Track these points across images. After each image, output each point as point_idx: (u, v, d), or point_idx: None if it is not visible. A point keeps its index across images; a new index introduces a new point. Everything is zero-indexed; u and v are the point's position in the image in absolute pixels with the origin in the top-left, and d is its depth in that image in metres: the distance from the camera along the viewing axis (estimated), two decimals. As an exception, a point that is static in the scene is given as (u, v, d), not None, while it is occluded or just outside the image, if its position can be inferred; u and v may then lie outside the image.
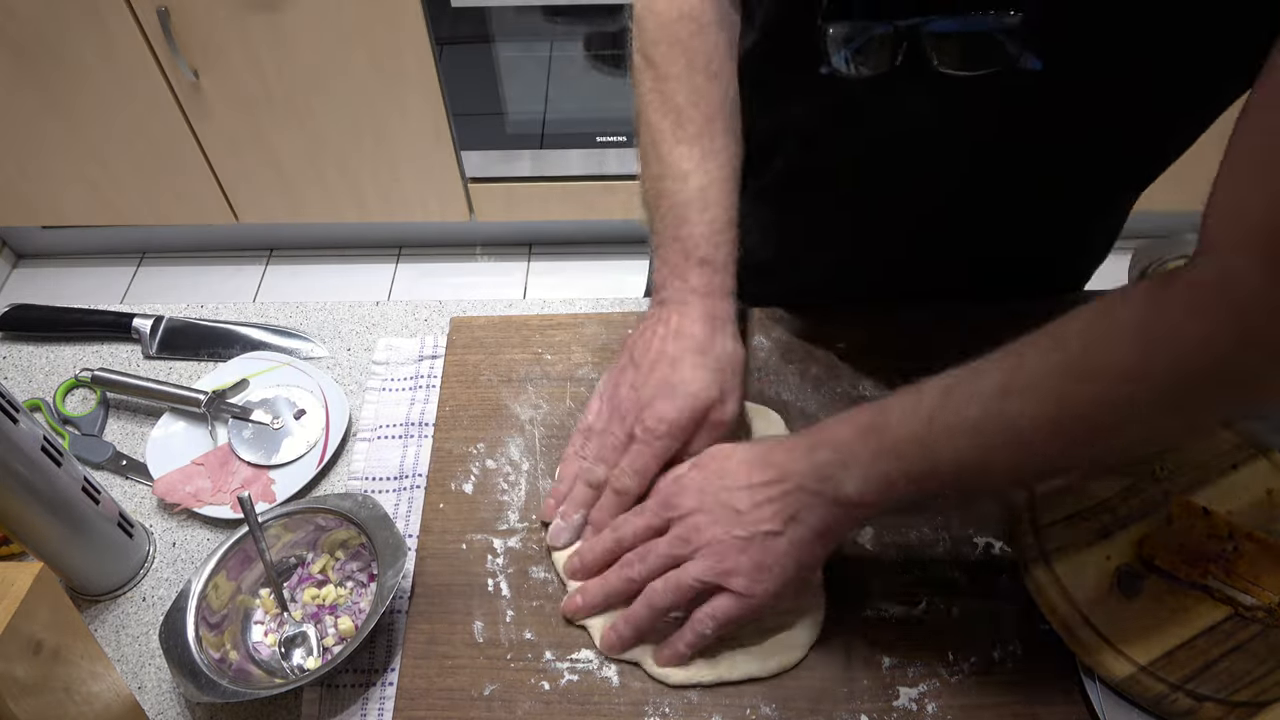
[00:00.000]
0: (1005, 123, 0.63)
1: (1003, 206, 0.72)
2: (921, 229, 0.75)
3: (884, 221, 0.76)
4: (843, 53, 0.57)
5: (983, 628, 0.63)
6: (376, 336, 0.83)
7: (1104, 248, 0.85)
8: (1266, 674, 0.57)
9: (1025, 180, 0.69)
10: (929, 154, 0.68)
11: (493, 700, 0.60)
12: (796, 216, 0.80)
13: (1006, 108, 0.61)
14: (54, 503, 0.60)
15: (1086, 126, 0.63)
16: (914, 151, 0.68)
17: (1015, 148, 0.65)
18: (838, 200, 0.76)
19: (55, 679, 0.49)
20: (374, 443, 0.75)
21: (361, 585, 0.67)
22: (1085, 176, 0.70)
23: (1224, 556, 0.60)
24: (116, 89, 1.82)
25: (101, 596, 0.67)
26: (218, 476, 0.73)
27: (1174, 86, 0.60)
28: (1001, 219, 0.73)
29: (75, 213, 2.08)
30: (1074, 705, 0.60)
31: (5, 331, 0.84)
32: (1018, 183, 0.69)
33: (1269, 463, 0.67)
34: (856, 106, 0.67)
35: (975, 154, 0.67)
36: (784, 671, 0.61)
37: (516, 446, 0.73)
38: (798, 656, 0.61)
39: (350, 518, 0.65)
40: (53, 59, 1.77)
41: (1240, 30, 0.51)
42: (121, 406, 0.79)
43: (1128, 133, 0.65)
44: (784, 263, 0.80)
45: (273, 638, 0.65)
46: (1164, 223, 2.29)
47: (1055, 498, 0.64)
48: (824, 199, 0.77)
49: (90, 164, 1.97)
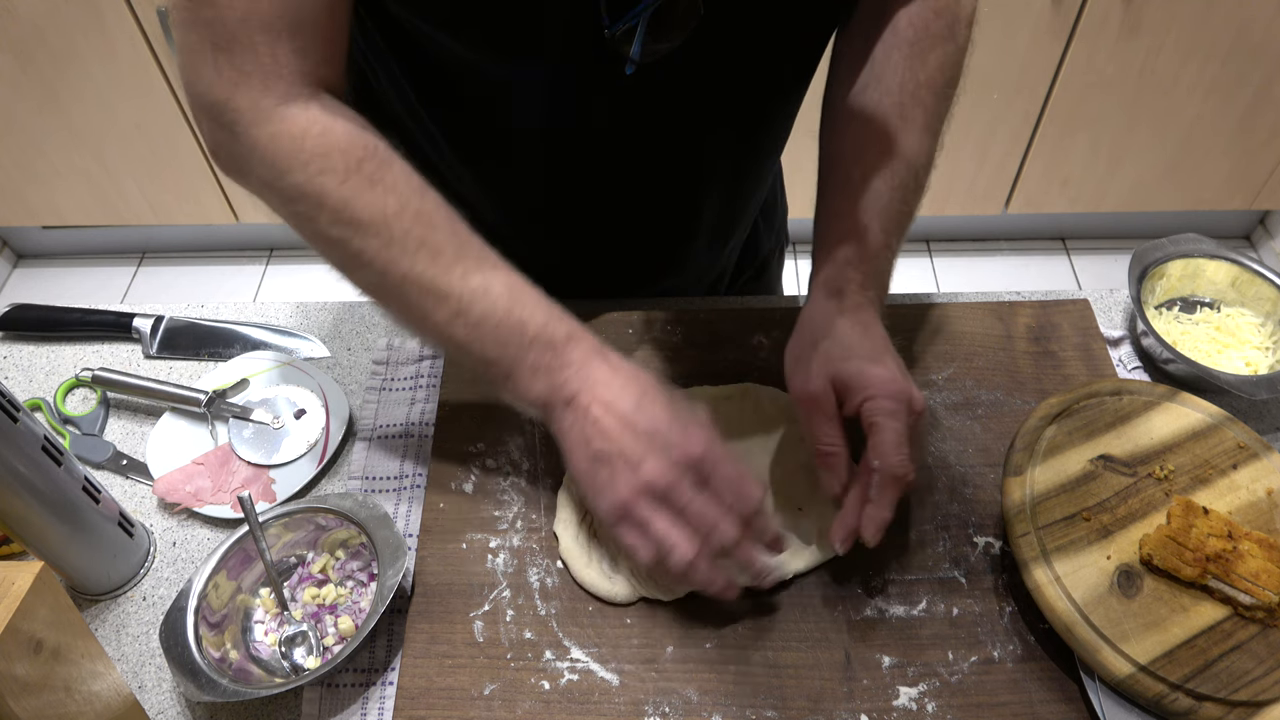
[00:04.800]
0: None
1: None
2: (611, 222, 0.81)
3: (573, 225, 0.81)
4: (639, 41, 0.58)
5: (983, 628, 0.63)
6: (376, 336, 0.83)
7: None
8: (1266, 674, 0.57)
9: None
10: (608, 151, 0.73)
11: (493, 700, 0.60)
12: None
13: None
14: (54, 502, 0.60)
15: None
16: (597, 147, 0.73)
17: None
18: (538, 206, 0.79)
19: (55, 678, 0.50)
20: (374, 443, 0.75)
21: (361, 585, 0.67)
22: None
23: (1224, 556, 0.60)
24: (116, 89, 1.82)
25: (102, 596, 0.67)
26: (218, 476, 0.73)
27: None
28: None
29: (75, 213, 2.08)
30: (1074, 705, 0.60)
31: (5, 331, 0.84)
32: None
33: (1269, 463, 0.67)
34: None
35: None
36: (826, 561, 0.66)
37: (516, 446, 0.73)
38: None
39: (350, 517, 0.65)
40: (53, 59, 1.77)
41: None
42: (122, 406, 0.79)
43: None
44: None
45: (273, 637, 0.65)
46: (1164, 222, 2.30)
47: (1055, 498, 0.64)
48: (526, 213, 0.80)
49: (90, 164, 1.97)
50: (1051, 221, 2.24)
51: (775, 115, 0.80)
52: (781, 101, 0.79)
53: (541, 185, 0.76)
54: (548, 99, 0.68)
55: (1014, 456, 0.67)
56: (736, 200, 0.85)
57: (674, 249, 0.84)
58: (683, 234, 0.83)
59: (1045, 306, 0.82)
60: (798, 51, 0.73)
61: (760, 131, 0.80)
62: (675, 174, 0.77)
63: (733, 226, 0.89)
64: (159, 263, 2.30)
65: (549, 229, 0.80)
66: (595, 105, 0.68)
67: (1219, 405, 0.70)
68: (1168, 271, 0.82)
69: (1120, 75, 1.80)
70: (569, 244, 0.82)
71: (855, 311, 0.66)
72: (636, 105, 0.69)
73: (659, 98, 0.69)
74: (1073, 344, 0.79)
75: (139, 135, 1.90)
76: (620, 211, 0.79)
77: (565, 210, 0.79)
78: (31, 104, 1.84)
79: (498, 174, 0.76)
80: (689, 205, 0.80)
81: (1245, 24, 1.72)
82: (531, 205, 0.79)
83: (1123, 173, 1.98)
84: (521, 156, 0.74)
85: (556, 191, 0.77)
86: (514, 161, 0.74)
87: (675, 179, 0.77)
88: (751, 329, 0.80)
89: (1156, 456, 0.67)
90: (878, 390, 0.62)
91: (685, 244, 0.84)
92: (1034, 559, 0.61)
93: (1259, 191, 2.02)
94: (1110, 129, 1.90)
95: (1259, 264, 0.81)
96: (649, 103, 0.69)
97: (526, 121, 0.70)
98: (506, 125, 0.71)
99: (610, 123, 0.70)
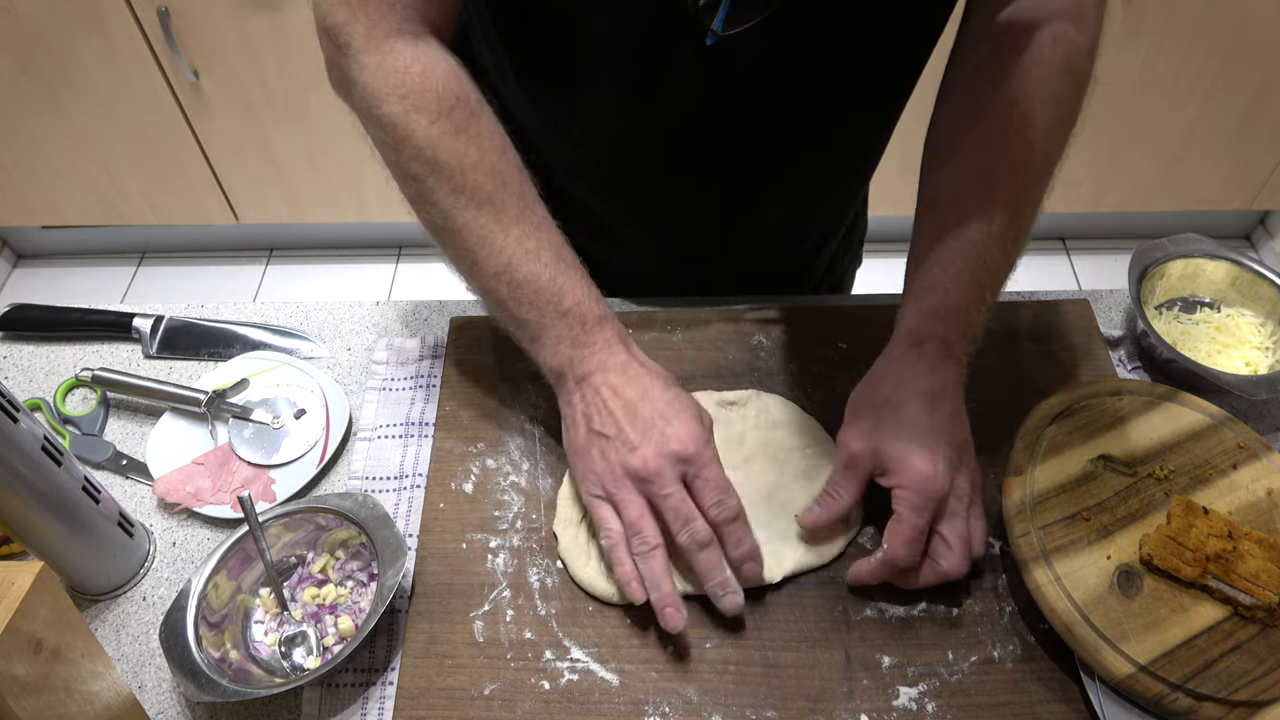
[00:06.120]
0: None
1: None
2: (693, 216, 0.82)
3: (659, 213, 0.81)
4: (722, 12, 0.58)
5: (983, 628, 0.63)
6: (376, 336, 0.83)
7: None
8: (1266, 674, 0.57)
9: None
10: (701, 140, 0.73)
11: (493, 700, 0.60)
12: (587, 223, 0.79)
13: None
14: (54, 502, 0.60)
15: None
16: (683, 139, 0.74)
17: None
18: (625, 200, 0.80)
19: (55, 678, 0.50)
20: (374, 442, 0.75)
21: (361, 585, 0.67)
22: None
23: (1224, 556, 0.60)
24: (116, 89, 1.82)
25: (102, 596, 0.67)
26: (218, 476, 0.73)
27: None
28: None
29: (75, 213, 2.08)
30: (1074, 705, 0.60)
31: (5, 331, 0.84)
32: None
33: (1269, 463, 0.67)
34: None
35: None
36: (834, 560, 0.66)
37: (516, 446, 0.73)
38: (842, 545, 0.66)
39: (350, 517, 0.65)
40: (53, 59, 1.77)
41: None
42: (122, 406, 0.79)
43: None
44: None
45: (273, 637, 0.65)
46: (1164, 222, 2.30)
47: (1055, 498, 0.64)
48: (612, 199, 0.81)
49: (90, 164, 1.97)
50: (1051, 221, 2.24)
51: (856, 129, 0.78)
52: (863, 115, 0.77)
53: (607, 150, 0.77)
54: (629, 59, 0.68)
55: (1014, 456, 0.67)
56: (802, 208, 0.84)
57: (726, 236, 0.84)
58: (734, 222, 0.83)
59: (1045, 306, 0.82)
60: (881, 64, 0.71)
61: (837, 143, 0.78)
62: (740, 161, 0.76)
63: (797, 231, 0.88)
64: (159, 263, 2.30)
65: (605, 193, 0.81)
66: (673, 74, 0.68)
67: (1219, 405, 0.70)
68: (1168, 271, 0.82)
69: (1120, 75, 1.80)
70: (626, 212, 0.82)
71: (930, 375, 0.64)
72: (712, 85, 0.68)
73: (735, 81, 0.68)
74: (1073, 344, 0.79)
75: (139, 135, 1.91)
76: (679, 186, 0.79)
77: (627, 178, 0.79)
78: (32, 104, 1.84)
79: (569, 135, 0.76)
80: (748, 197, 0.80)
81: (1245, 24, 1.72)
82: (598, 170, 0.79)
83: (1123, 173, 1.98)
84: (593, 120, 0.74)
85: (622, 158, 0.77)
86: (586, 124, 0.74)
87: (739, 167, 0.77)
88: (752, 330, 0.80)
89: (1156, 456, 0.67)
90: (910, 483, 0.60)
91: (733, 233, 0.84)
92: (1034, 559, 0.61)
93: (1259, 191, 2.02)
94: (1110, 129, 1.90)
95: (1259, 264, 0.81)
96: (726, 85, 0.68)
97: (608, 87, 0.71)
98: (587, 86, 0.72)
99: (682, 100, 0.70)
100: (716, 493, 0.61)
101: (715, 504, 0.61)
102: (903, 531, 0.60)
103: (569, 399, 0.65)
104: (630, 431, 0.62)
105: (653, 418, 0.62)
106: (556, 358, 0.65)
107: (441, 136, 0.62)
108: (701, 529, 0.61)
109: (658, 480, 0.61)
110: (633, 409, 0.62)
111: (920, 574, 0.62)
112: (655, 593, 0.61)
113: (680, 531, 0.61)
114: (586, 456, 0.63)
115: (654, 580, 0.61)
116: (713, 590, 0.61)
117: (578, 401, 0.64)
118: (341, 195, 2.04)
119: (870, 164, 0.86)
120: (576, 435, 0.64)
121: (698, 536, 0.61)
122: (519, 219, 0.64)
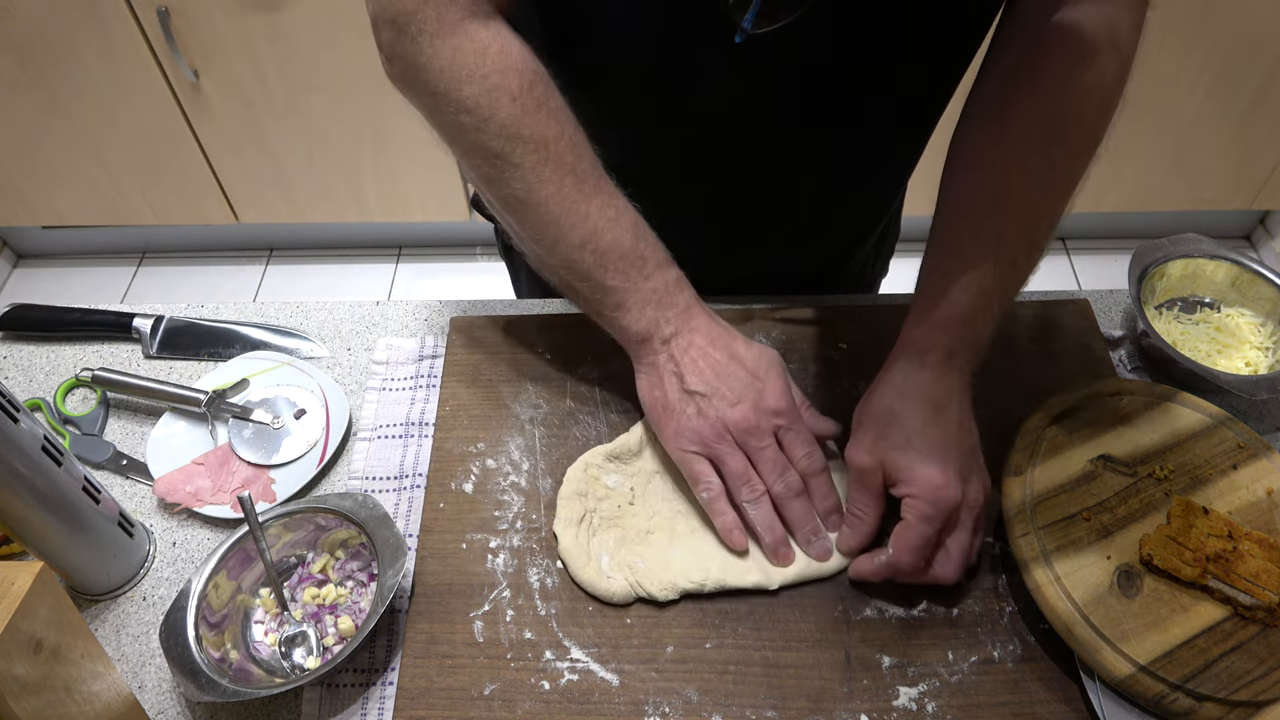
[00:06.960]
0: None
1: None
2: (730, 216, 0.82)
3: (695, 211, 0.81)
4: (751, 11, 0.59)
5: (983, 628, 0.63)
6: (376, 336, 0.83)
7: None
8: (1266, 674, 0.57)
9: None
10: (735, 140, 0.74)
11: (493, 700, 0.60)
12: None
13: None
14: (54, 502, 0.60)
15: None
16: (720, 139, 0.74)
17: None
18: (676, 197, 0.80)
19: (55, 678, 0.50)
20: (374, 442, 0.75)
21: (361, 585, 0.67)
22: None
23: (1224, 556, 0.60)
24: (116, 89, 1.82)
25: (102, 596, 0.67)
26: (218, 476, 0.73)
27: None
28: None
29: (75, 213, 2.08)
30: (1074, 705, 0.60)
31: (5, 331, 0.84)
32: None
33: (1269, 463, 0.67)
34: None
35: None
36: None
37: (516, 446, 0.73)
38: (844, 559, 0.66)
39: (350, 517, 0.65)
40: (53, 59, 1.77)
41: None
42: (122, 406, 0.79)
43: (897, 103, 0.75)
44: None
45: (273, 637, 0.65)
46: (1164, 222, 2.30)
47: (1055, 498, 0.64)
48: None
49: (90, 164, 1.97)
50: (1051, 221, 2.24)
51: (886, 133, 0.78)
52: (896, 119, 0.77)
53: (631, 148, 0.76)
54: (657, 55, 0.69)
55: (1014, 456, 0.67)
56: (834, 206, 0.84)
57: (754, 235, 0.84)
58: (762, 222, 0.83)
59: (1045, 306, 0.82)
60: (918, 68, 0.71)
61: (869, 145, 0.78)
62: (767, 162, 0.77)
63: (822, 229, 0.87)
64: (159, 263, 2.31)
65: (629, 193, 0.81)
66: (705, 67, 0.68)
67: (1219, 405, 0.70)
68: (1168, 271, 0.82)
69: (1120, 75, 1.80)
70: (652, 203, 0.82)
71: (933, 385, 0.64)
72: (744, 79, 0.69)
73: (767, 78, 0.69)
74: (1073, 344, 0.79)
75: (139, 135, 1.91)
76: (707, 178, 0.79)
77: (651, 177, 0.78)
78: (32, 104, 1.84)
79: (592, 130, 0.76)
80: (775, 198, 0.80)
81: (1245, 23, 1.72)
82: (621, 167, 0.79)
83: (1123, 173, 1.98)
84: (618, 117, 0.74)
85: (646, 157, 0.77)
86: (611, 120, 0.74)
87: (766, 168, 0.77)
88: (753, 330, 0.80)
89: (1156, 456, 0.67)
90: (921, 493, 0.61)
91: (762, 234, 0.84)
92: (1034, 559, 0.61)
93: (1259, 191, 2.02)
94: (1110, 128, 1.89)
95: (1259, 264, 0.81)
96: (757, 80, 0.69)
97: (635, 83, 0.72)
98: (613, 78, 0.72)
99: (714, 90, 0.70)
100: (805, 445, 0.66)
101: (805, 455, 0.65)
102: (910, 539, 0.61)
103: (653, 360, 0.67)
104: (727, 389, 0.65)
105: (746, 376, 0.65)
106: (642, 320, 0.67)
107: (525, 113, 0.63)
108: (795, 479, 0.65)
109: (756, 434, 0.64)
110: (725, 368, 0.65)
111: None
112: (769, 535, 0.64)
113: (776, 481, 0.64)
114: (681, 415, 0.66)
115: (768, 523, 0.65)
116: (805, 536, 0.65)
117: (665, 362, 0.67)
118: (341, 195, 2.04)
119: (901, 170, 0.85)
120: (668, 394, 0.66)
121: (793, 486, 0.65)
122: (597, 189, 0.66)
